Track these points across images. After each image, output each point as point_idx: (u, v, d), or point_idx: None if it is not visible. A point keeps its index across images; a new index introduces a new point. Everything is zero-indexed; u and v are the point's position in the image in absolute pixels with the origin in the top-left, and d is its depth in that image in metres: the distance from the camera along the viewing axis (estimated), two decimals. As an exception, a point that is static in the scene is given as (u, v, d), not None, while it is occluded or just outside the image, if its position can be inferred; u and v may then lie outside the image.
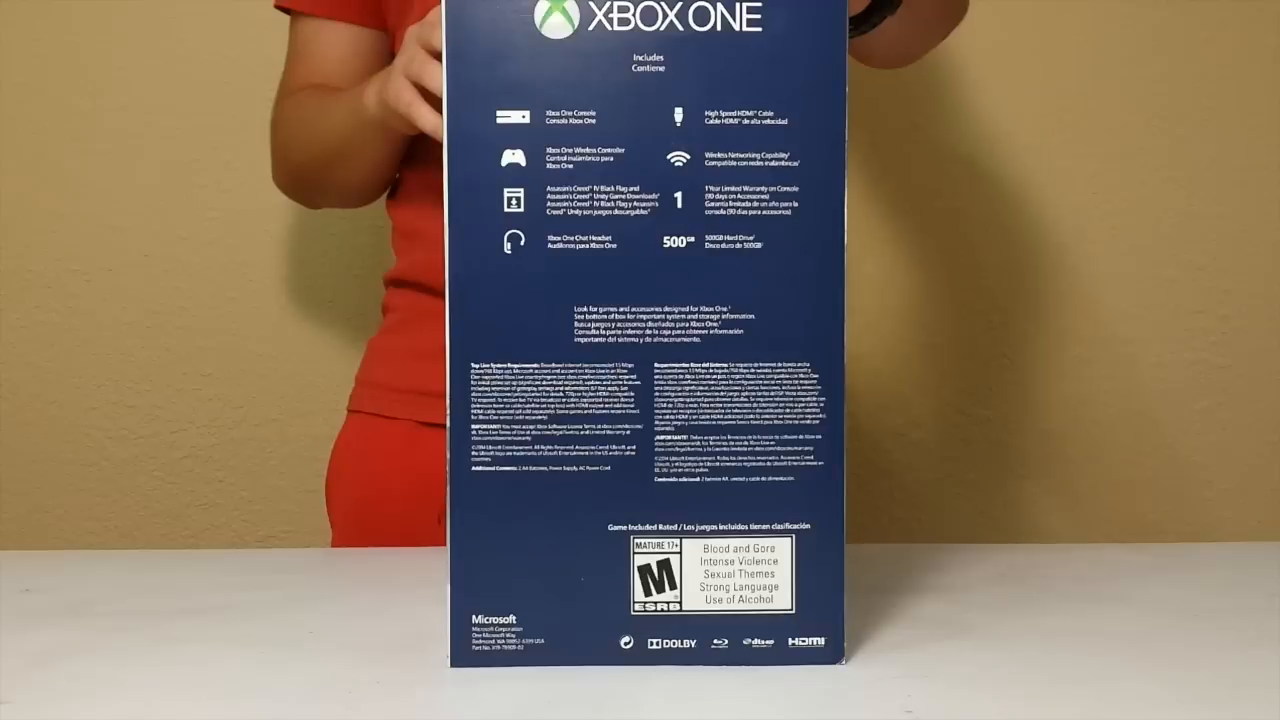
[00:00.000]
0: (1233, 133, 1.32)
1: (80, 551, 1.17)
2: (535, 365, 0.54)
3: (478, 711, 0.50)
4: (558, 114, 0.54)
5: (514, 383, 0.54)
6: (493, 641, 0.55)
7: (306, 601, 0.67)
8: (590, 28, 0.54)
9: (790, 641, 0.55)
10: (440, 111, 0.56)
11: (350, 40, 0.94)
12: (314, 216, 1.27)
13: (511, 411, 0.54)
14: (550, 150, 0.54)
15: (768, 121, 0.54)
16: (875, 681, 0.53)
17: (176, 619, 0.64)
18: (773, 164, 0.54)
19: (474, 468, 0.55)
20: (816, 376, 0.55)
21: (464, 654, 0.55)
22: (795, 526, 0.55)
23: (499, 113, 0.54)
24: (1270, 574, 0.74)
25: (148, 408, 1.28)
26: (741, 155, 0.54)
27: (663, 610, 0.55)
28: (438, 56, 0.70)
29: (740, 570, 0.55)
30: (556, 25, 0.54)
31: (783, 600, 0.55)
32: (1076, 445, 1.34)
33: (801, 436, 0.55)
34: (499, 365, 0.54)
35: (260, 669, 0.56)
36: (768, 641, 0.55)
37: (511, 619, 0.55)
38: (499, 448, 0.55)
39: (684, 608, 0.55)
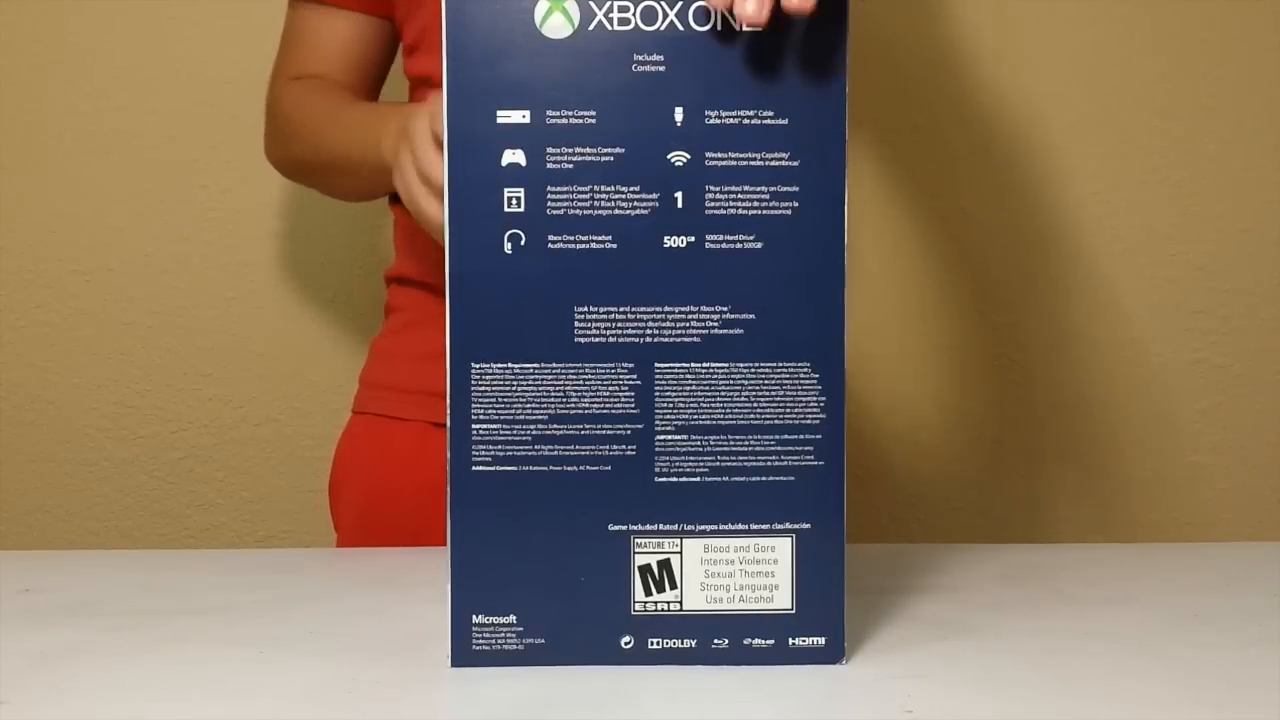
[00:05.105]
0: (1233, 133, 1.32)
1: (80, 551, 1.17)
2: (535, 365, 0.54)
3: (478, 711, 0.50)
4: (558, 114, 0.54)
5: (514, 383, 0.54)
6: (493, 641, 0.55)
7: (306, 601, 0.67)
8: (590, 28, 0.54)
9: (790, 641, 0.55)
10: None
11: (354, 28, 0.93)
12: (314, 217, 1.27)
13: (512, 411, 0.54)
14: (550, 150, 0.54)
15: (768, 121, 0.54)
16: (875, 681, 0.53)
17: (176, 619, 0.64)
18: (773, 164, 0.54)
19: (474, 467, 0.55)
20: (817, 376, 0.55)
21: (464, 654, 0.55)
22: (795, 526, 0.55)
23: (499, 112, 0.54)
24: (1270, 574, 0.74)
25: (148, 408, 1.28)
26: (741, 155, 0.54)
27: (663, 610, 0.55)
28: (439, 145, 0.65)
29: (740, 570, 0.55)
30: (557, 25, 0.54)
31: (783, 600, 0.55)
32: (1076, 445, 1.34)
33: (802, 436, 0.55)
34: (499, 365, 0.54)
35: (260, 669, 0.56)
36: (768, 641, 0.55)
37: (512, 619, 0.55)
38: (499, 447, 0.55)
39: (684, 608, 0.55)
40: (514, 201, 0.54)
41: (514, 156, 0.54)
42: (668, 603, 0.55)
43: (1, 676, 0.54)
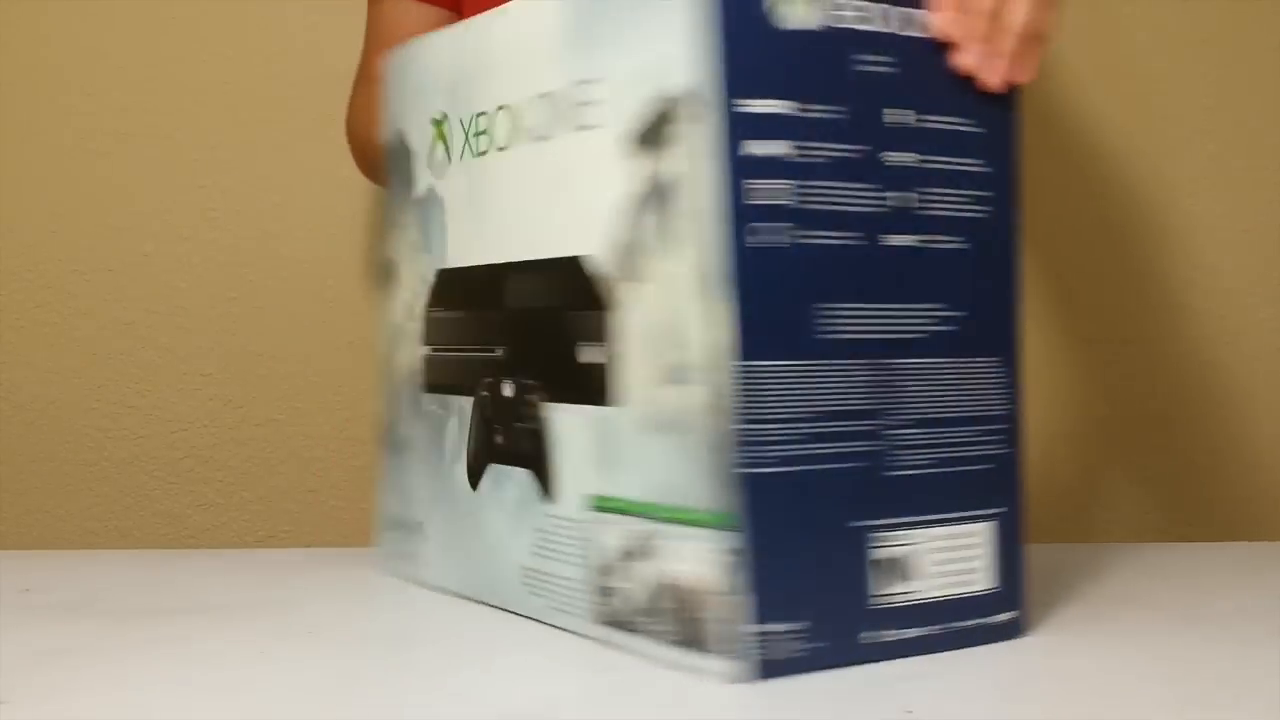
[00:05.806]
0: (1233, 133, 1.32)
1: (80, 551, 1.17)
2: (785, 363, 0.53)
3: (477, 711, 0.50)
4: (800, 107, 0.53)
5: (773, 382, 0.53)
6: (776, 649, 0.53)
7: (306, 601, 0.67)
8: (829, 24, 0.54)
9: (992, 619, 0.58)
10: None
11: (425, 21, 0.97)
12: (314, 217, 1.27)
13: (778, 411, 0.53)
14: (794, 144, 0.53)
15: (971, 128, 0.58)
16: (875, 681, 0.53)
17: (176, 618, 0.64)
18: (975, 169, 0.58)
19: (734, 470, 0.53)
20: (1006, 369, 0.58)
21: (754, 667, 0.53)
22: (996, 510, 0.58)
23: (743, 103, 0.53)
24: (1270, 574, 0.74)
25: (148, 408, 1.28)
26: (954, 160, 0.57)
27: (899, 602, 0.56)
28: None
29: (959, 556, 0.57)
30: (797, 18, 0.54)
31: (988, 581, 0.58)
32: (1076, 446, 1.34)
33: (996, 426, 0.58)
34: (764, 363, 0.53)
35: (260, 668, 0.56)
36: (978, 621, 0.58)
37: (789, 625, 0.54)
38: (755, 449, 0.53)
39: (917, 598, 0.56)
40: (758, 194, 0.53)
41: (760, 148, 0.53)
42: (903, 594, 0.56)
43: (1, 676, 0.54)
